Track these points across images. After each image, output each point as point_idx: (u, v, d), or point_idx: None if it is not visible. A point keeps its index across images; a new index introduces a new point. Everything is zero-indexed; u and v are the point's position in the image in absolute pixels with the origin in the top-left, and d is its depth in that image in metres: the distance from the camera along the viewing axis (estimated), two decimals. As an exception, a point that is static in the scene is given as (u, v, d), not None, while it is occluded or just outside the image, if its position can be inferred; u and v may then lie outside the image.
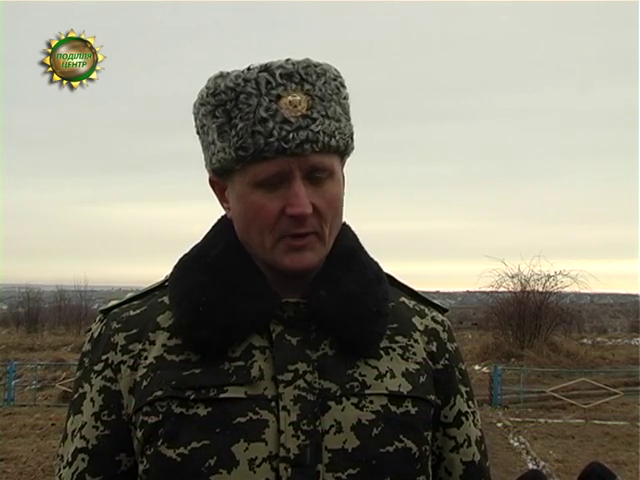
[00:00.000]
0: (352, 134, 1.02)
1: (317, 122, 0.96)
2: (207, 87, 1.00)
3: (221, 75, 0.99)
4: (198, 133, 1.04)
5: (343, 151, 1.01)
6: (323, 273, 1.03)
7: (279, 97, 0.95)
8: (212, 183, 1.05)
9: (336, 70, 1.02)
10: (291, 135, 0.94)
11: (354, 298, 1.02)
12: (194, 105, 1.03)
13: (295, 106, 0.95)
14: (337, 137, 0.98)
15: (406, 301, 1.11)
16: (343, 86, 1.02)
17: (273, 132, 0.94)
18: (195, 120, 1.04)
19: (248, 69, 0.98)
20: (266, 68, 0.97)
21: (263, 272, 1.02)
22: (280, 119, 0.95)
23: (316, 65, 0.99)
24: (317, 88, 0.97)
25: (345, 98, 1.02)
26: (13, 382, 12.73)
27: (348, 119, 1.02)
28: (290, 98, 0.95)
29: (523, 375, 12.97)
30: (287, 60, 0.98)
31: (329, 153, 0.98)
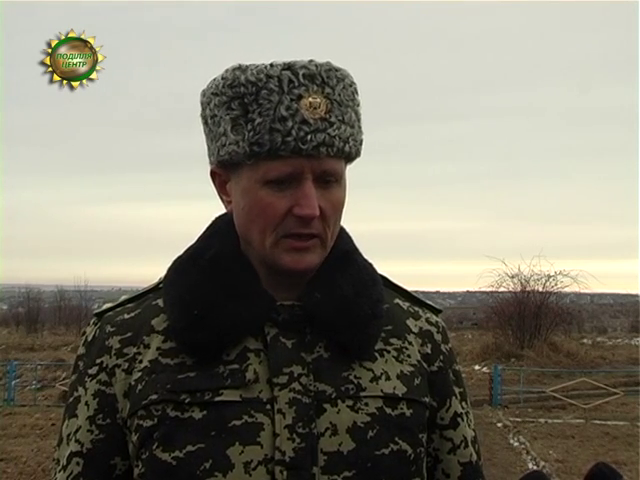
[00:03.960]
0: (362, 141, 1.02)
1: (334, 126, 0.96)
2: (224, 78, 0.98)
3: (240, 68, 0.98)
4: (206, 123, 1.02)
5: (353, 158, 1.01)
6: (318, 275, 1.02)
7: (300, 97, 0.95)
8: (213, 174, 1.04)
9: (352, 77, 1.02)
10: (309, 137, 0.94)
11: (349, 300, 1.02)
12: (203, 94, 1.02)
13: (315, 108, 0.95)
14: (350, 143, 0.98)
15: (400, 303, 1.11)
16: (357, 93, 1.02)
17: (291, 131, 0.94)
18: (204, 109, 1.02)
19: (271, 65, 0.97)
20: (289, 67, 0.96)
21: (259, 273, 1.02)
22: (299, 119, 0.94)
23: (337, 69, 0.99)
24: (336, 93, 0.97)
25: (358, 105, 1.02)
26: (13, 382, 12.74)
27: (360, 126, 1.02)
28: (311, 100, 0.95)
29: (523, 375, 12.97)
30: (310, 61, 0.97)
31: (340, 158, 0.98)
